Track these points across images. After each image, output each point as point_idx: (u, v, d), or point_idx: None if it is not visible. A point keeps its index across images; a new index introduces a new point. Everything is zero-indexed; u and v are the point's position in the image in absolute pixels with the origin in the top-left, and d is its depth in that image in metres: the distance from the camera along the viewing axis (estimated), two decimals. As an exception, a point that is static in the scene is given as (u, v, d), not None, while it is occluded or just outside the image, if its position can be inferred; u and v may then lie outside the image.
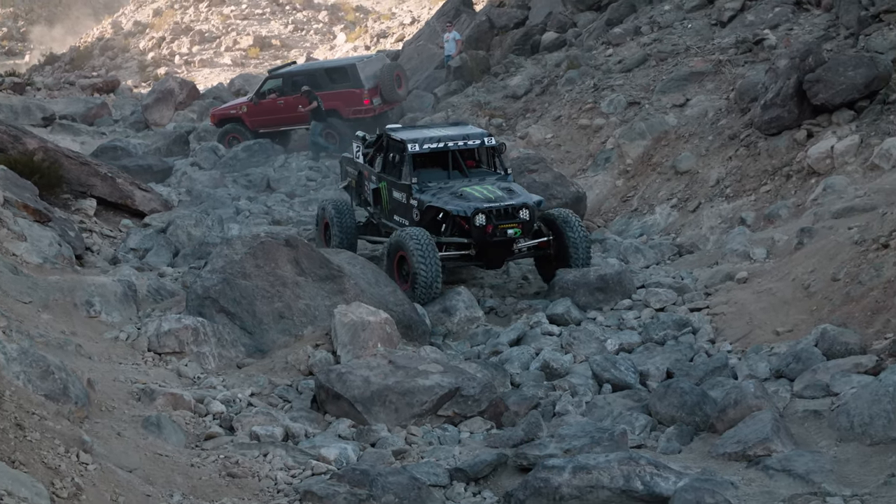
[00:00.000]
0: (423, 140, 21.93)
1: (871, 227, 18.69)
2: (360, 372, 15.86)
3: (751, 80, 26.72)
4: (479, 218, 19.93)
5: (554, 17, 38.34)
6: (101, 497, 11.39)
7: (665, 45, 31.73)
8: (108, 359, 16.20)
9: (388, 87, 37.92)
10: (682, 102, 28.48)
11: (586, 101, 30.71)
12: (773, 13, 30.69)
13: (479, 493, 13.62)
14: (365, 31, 67.59)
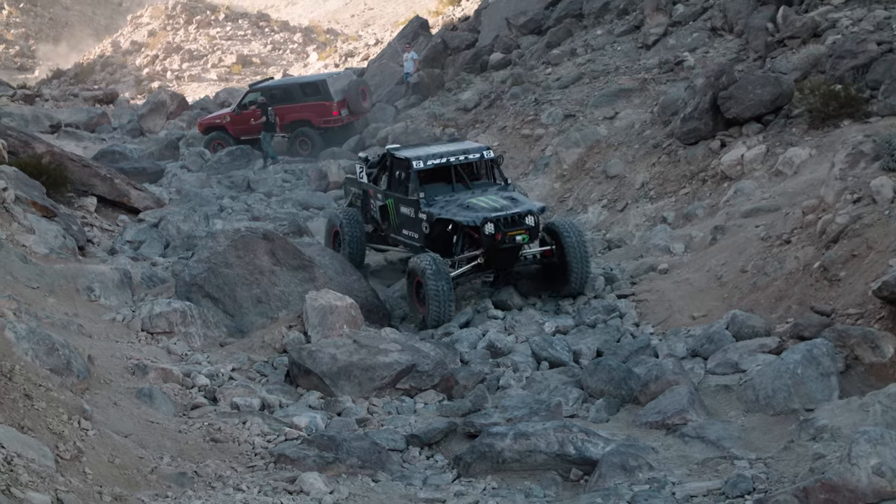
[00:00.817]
0: (427, 157, 21.01)
1: (775, 226, 18.82)
2: (328, 350, 15.90)
3: (672, 97, 26.80)
4: (488, 227, 18.98)
5: (500, 40, 38.37)
6: (99, 459, 11.37)
7: (597, 65, 31.79)
8: (107, 337, 16.18)
9: (355, 101, 37.95)
10: (612, 115, 28.53)
11: (528, 114, 30.73)
12: (691, 38, 30.81)
13: (431, 456, 13.73)
14: (334, 51, 67.49)
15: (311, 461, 12.74)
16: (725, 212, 21.16)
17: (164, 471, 11.96)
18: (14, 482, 9.45)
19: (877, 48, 23.65)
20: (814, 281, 16.52)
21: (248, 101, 37.78)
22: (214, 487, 11.87)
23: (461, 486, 12.68)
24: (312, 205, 29.50)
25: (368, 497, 12.19)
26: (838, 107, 22.01)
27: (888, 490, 10.69)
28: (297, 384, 15.81)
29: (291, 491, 12.08)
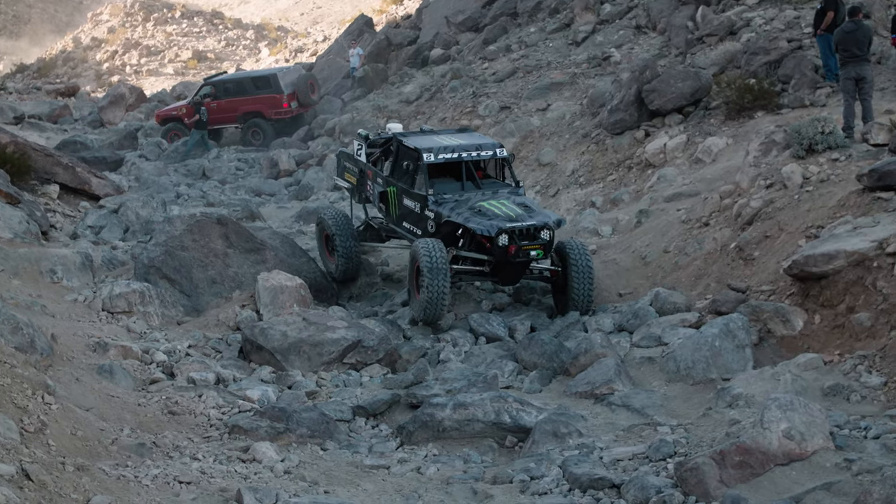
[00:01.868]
0: (438, 150, 18.36)
1: (695, 209, 18.95)
2: (279, 327, 15.87)
3: (600, 90, 26.87)
4: (502, 238, 16.65)
5: (440, 37, 38.37)
6: (62, 431, 11.29)
7: (531, 61, 31.85)
8: (69, 317, 16.06)
9: (304, 93, 37.89)
10: (545, 107, 28.59)
11: (466, 106, 30.77)
12: (617, 35, 30.95)
13: (376, 426, 13.76)
14: (285, 47, 67.31)
15: (264, 431, 12.74)
16: (649, 197, 21.27)
17: (124, 442, 11.90)
18: (-20, 454, 9.37)
19: (787, 45, 23.88)
20: (730, 260, 16.68)
21: (203, 95, 37.64)
22: (172, 457, 11.84)
23: (404, 453, 12.74)
24: (264, 191, 29.45)
25: (317, 464, 12.20)
26: (752, 99, 22.18)
27: (797, 452, 10.86)
28: (250, 360, 15.77)
29: (245, 459, 12.06)
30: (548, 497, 11.33)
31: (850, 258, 14.11)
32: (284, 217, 25.50)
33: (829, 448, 10.98)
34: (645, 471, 11.48)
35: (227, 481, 11.29)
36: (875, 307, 13.62)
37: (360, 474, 12.07)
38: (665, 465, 11.51)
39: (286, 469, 11.90)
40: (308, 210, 25.21)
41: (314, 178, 29.80)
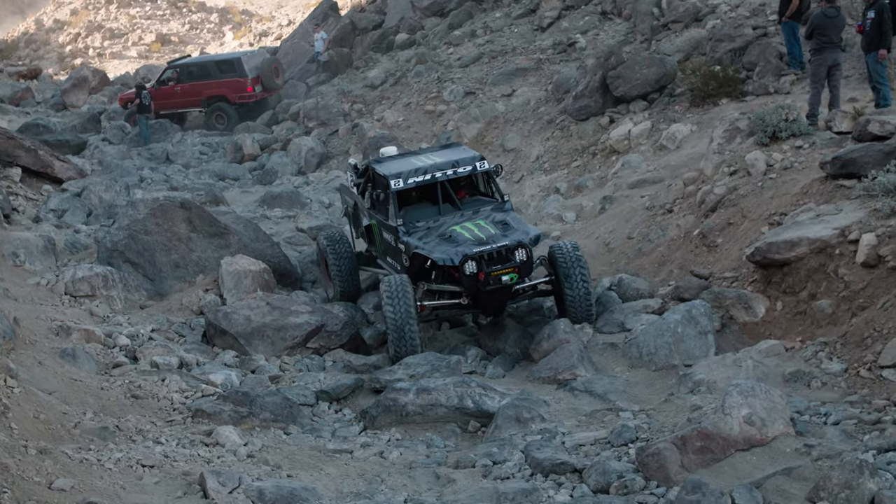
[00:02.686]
0: (408, 174, 16.40)
1: (658, 196, 19.07)
2: (243, 312, 15.90)
3: (565, 76, 26.99)
4: (468, 266, 14.75)
5: (406, 22, 38.32)
6: (24, 414, 11.29)
7: (496, 46, 31.87)
8: (31, 301, 16.00)
9: (268, 77, 37.83)
10: (510, 93, 28.66)
11: (431, 91, 30.79)
12: (583, 21, 31.00)
13: (340, 410, 13.82)
14: (249, 31, 67.12)
15: (227, 415, 12.76)
16: (613, 183, 21.38)
17: (87, 425, 11.91)
18: (-58, 437, 9.38)
19: (752, 32, 24.03)
20: (693, 247, 16.79)
21: (166, 78, 37.59)
22: (135, 441, 11.85)
23: (367, 437, 12.80)
24: (228, 175, 29.39)
25: (281, 448, 12.23)
26: (717, 86, 22.33)
27: (757, 437, 10.98)
28: (214, 344, 15.80)
29: (208, 443, 12.09)
30: (510, 482, 11.40)
31: (813, 245, 14.23)
32: (248, 201, 25.47)
33: (790, 434, 11.12)
34: (607, 456, 11.57)
35: (191, 465, 11.31)
36: (836, 294, 13.75)
37: (323, 458, 12.12)
38: (627, 451, 11.61)
39: (249, 453, 11.93)
40: (272, 194, 25.20)
41: (278, 162, 29.79)
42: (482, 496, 11.17)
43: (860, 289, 13.50)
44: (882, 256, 13.38)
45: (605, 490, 10.91)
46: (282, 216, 23.53)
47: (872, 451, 10.64)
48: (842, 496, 9.78)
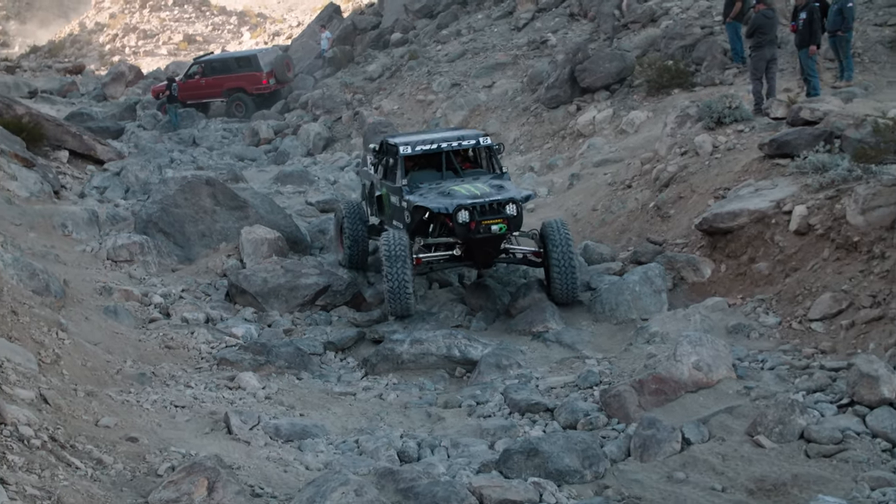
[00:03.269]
0: (416, 143, 15.88)
1: (619, 173, 19.09)
2: (260, 274, 15.91)
3: (538, 69, 26.93)
4: (461, 214, 14.14)
5: (399, 22, 38.16)
6: (74, 362, 11.32)
7: (478, 44, 31.78)
8: (78, 265, 16.03)
9: (280, 72, 37.71)
10: (490, 84, 28.61)
11: (422, 83, 30.71)
12: (553, 21, 30.92)
13: (344, 359, 13.88)
14: (264, 31, 66.97)
15: (247, 363, 12.83)
16: (580, 162, 21.39)
17: (128, 372, 11.96)
18: (4, 381, 9.40)
19: (700, 31, 24.02)
20: (649, 217, 16.83)
21: (193, 72, 37.41)
22: (168, 385, 11.90)
23: (368, 382, 12.90)
24: (246, 157, 29.25)
25: (294, 391, 12.30)
26: (670, 78, 22.32)
27: (704, 381, 11.07)
28: (235, 302, 15.81)
29: (231, 387, 12.15)
30: (491, 419, 11.50)
31: (752, 216, 14.30)
32: (264, 179, 25.40)
33: (732, 378, 11.22)
34: (574, 397, 11.66)
35: (216, 405, 11.37)
36: (772, 258, 13.83)
37: (331, 400, 12.19)
38: (592, 392, 11.70)
39: (267, 395, 12.00)
40: (285, 173, 25.14)
41: (290, 145, 29.74)
42: (467, 431, 11.27)
43: (792, 253, 13.59)
44: (811, 225, 13.47)
45: (574, 426, 11.01)
46: (293, 192, 23.50)
47: (802, 392, 10.77)
48: (776, 430, 9.90)
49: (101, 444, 9.19)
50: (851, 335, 11.83)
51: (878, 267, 12.27)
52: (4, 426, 8.07)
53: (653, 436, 10.14)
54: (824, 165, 14.13)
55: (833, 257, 12.95)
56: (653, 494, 9.50)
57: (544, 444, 10.11)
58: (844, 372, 10.91)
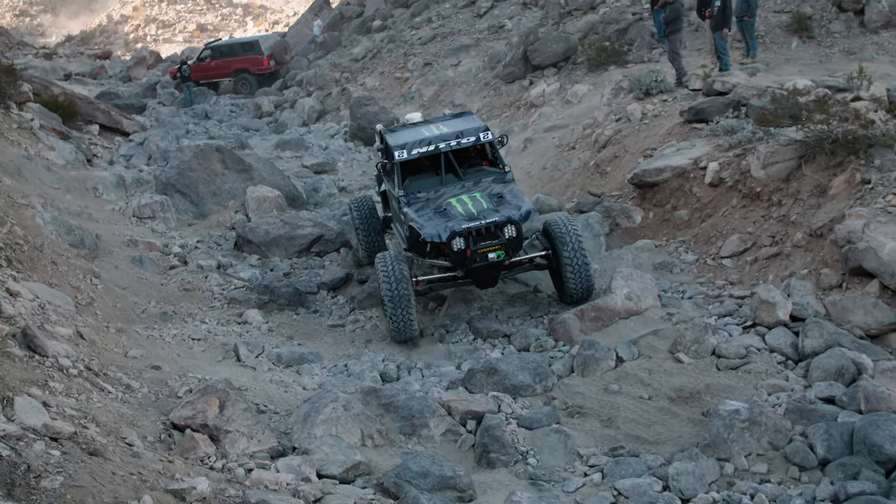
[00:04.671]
0: (412, 145, 12.64)
1: (565, 137, 19.06)
2: (263, 226, 15.88)
3: (497, 50, 26.73)
4: (456, 242, 11.30)
5: (380, 11, 37.76)
6: (106, 304, 11.33)
7: (446, 29, 31.48)
8: (108, 222, 15.93)
9: (279, 55, 37.35)
10: (457, 63, 28.36)
11: (399, 63, 30.43)
12: (509, 10, 30.65)
13: (335, 297, 13.88)
14: (265, 20, 66.51)
15: (253, 302, 12.86)
16: (532, 128, 21.31)
17: (152, 311, 11.98)
18: (46, 321, 9.41)
19: (632, 17, 23.87)
20: (590, 174, 16.83)
21: (204, 56, 36.95)
22: (186, 321, 11.92)
23: (355, 315, 12.93)
24: (251, 127, 28.90)
25: (292, 325, 12.36)
26: (607, 57, 22.20)
27: (635, 309, 11.17)
28: (242, 250, 15.77)
29: (239, 322, 12.20)
30: (459, 344, 11.61)
31: (674, 171, 14.34)
32: (266, 146, 25.18)
33: (657, 306, 11.33)
34: (528, 324, 11.76)
35: (227, 338, 11.40)
36: (691, 206, 13.90)
37: (323, 331, 12.26)
38: (542, 320, 11.80)
39: (269, 328, 12.06)
40: (284, 141, 24.91)
41: (288, 117, 29.50)
42: (438, 355, 11.37)
43: (707, 202, 13.67)
44: (722, 178, 13.53)
45: (527, 349, 11.13)
46: (291, 156, 23.34)
47: (714, 316, 10.91)
48: (693, 348, 10.04)
49: (130, 372, 9.22)
50: (754, 269, 11.95)
51: (775, 213, 12.38)
52: (46, 358, 8.08)
53: (592, 355, 10.26)
54: (733, 129, 14.17)
55: (740, 205, 13.05)
56: (592, 403, 9.65)
57: (502, 364, 10.24)
58: (748, 299, 11.07)
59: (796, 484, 7.85)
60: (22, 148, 17.36)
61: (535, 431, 9.05)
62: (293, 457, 7.99)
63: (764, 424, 8.33)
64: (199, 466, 7.33)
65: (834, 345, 9.69)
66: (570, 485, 8.17)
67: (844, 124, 12.05)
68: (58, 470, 5.95)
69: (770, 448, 8.23)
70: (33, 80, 24.79)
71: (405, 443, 8.91)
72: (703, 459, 8.11)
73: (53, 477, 5.83)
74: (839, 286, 10.72)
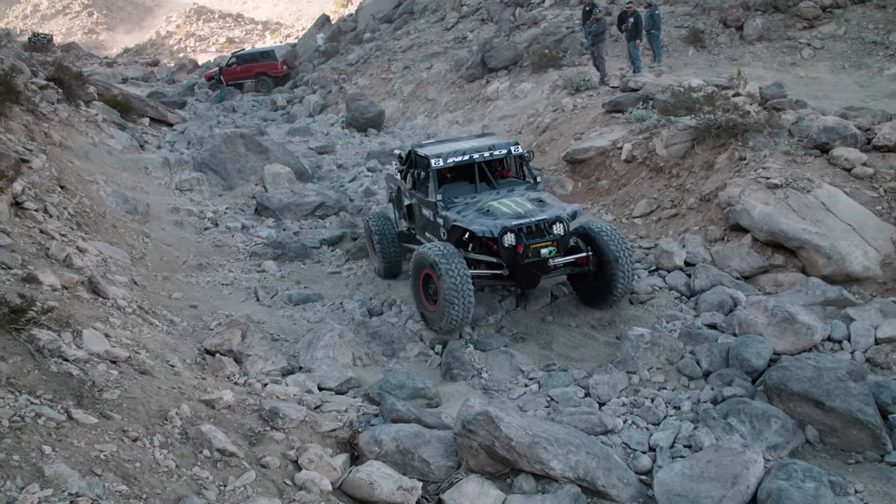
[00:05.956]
0: (447, 154, 10.63)
1: (514, 124, 18.94)
2: (277, 196, 15.71)
3: (461, 56, 26.45)
4: (507, 238, 9.15)
5: (369, 26, 37.21)
6: (154, 258, 11.23)
7: (422, 40, 31.09)
8: (157, 194, 15.70)
9: (290, 61, 36.78)
10: (430, 67, 27.99)
11: (384, 67, 30.04)
12: (471, 24, 30.29)
13: (334, 250, 13.73)
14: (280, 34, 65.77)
15: (269, 255, 12.76)
16: (488, 118, 21.12)
17: (190, 263, 11.88)
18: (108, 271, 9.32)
19: (566, 30, 23.67)
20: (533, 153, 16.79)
21: (232, 62, 36.37)
22: (218, 270, 11.84)
23: (350, 265, 12.83)
24: (268, 118, 28.51)
25: (300, 272, 12.28)
26: (546, 61, 22.02)
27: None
28: (261, 215, 15.57)
29: (259, 271, 12.12)
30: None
31: (598, 150, 14.34)
32: (280, 133, 24.85)
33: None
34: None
35: (249, 283, 11.35)
36: (610, 177, 13.92)
37: (324, 277, 12.20)
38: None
39: (282, 275, 11.99)
40: (294, 129, 24.60)
41: (298, 110, 29.11)
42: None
43: (623, 174, 13.68)
44: (634, 156, 13.54)
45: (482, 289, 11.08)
46: (300, 141, 23.05)
47: (626, 263, 10.91)
48: (609, 288, 10.01)
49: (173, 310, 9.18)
50: (658, 226, 12.01)
51: (675, 182, 12.43)
52: (107, 300, 8.03)
53: (532, 293, 10.30)
54: (642, 117, 14.18)
55: (648, 177, 13.08)
56: (532, 330, 9.71)
57: (462, 301, 10.24)
58: (653, 250, 11.13)
59: (686, 390, 7.98)
60: (89, 137, 17.06)
61: (487, 353, 9.11)
62: (299, 374, 8.02)
63: (662, 345, 8.44)
64: (226, 382, 7.34)
65: (717, 284, 9.79)
66: (514, 393, 8.26)
67: (727, 114, 12.09)
68: (116, 385, 5.95)
69: (667, 363, 8.35)
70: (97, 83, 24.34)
71: (387, 362, 8.96)
72: (615, 372, 8.22)
73: (112, 390, 5.83)
74: (722, 239, 10.82)
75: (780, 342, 8.10)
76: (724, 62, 19.67)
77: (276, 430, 6.35)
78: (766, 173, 10.74)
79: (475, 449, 6.33)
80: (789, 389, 7.09)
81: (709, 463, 6.34)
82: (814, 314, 8.47)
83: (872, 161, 10.74)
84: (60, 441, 4.98)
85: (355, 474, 6.05)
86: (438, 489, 6.23)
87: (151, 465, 5.21)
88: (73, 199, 11.19)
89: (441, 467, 6.41)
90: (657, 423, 7.39)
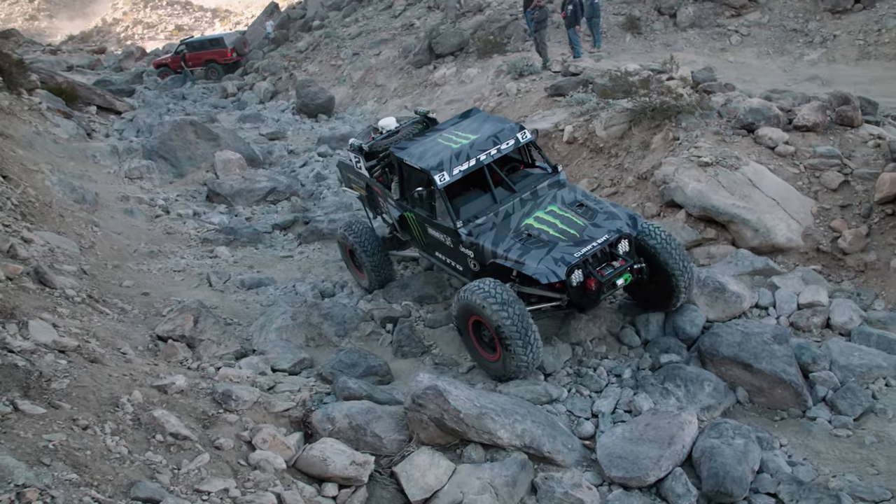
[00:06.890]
0: (449, 163, 8.10)
1: (461, 109, 18.91)
2: (229, 182, 15.50)
3: (409, 43, 26.27)
4: (576, 276, 7.32)
5: (318, 13, 36.67)
6: (104, 246, 10.97)
7: (370, 27, 30.76)
8: (105, 182, 15.33)
9: (240, 48, 36.13)
10: (378, 53, 27.76)
11: (334, 53, 29.68)
12: (418, 11, 30.08)
13: (286, 234, 13.63)
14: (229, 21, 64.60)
15: (221, 240, 12.58)
16: (436, 102, 21.08)
17: (141, 251, 11.63)
18: (55, 261, 9.08)
19: (510, 17, 23.66)
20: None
21: (180, 50, 35.56)
22: (169, 257, 11.63)
23: (302, 248, 12.75)
24: (219, 105, 28.00)
25: (252, 257, 12.14)
26: (491, 47, 22.00)
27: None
28: (213, 201, 15.35)
29: (211, 256, 11.94)
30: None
31: (541, 133, 14.38)
32: (231, 120, 24.43)
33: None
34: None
35: (202, 269, 11.17)
36: (553, 158, 13.96)
37: (277, 261, 12.08)
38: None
39: (235, 261, 11.83)
40: (245, 115, 24.20)
41: (248, 97, 28.66)
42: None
43: (565, 155, 13.76)
44: (576, 137, 13.61)
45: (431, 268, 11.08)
46: (250, 127, 22.71)
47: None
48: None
49: (124, 298, 8.99)
50: (599, 205, 12.14)
51: (614, 162, 12.56)
52: (55, 290, 7.82)
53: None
54: (582, 100, 14.26)
55: (588, 157, 13.19)
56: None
57: (413, 281, 10.24)
58: (594, 227, 11.23)
59: (626, 359, 8.12)
60: (32, 126, 16.52)
61: (436, 330, 9.14)
62: (252, 357, 7.94)
63: (603, 317, 8.56)
64: (178, 367, 7.23)
65: (654, 258, 9.93)
66: (462, 368, 8.31)
67: (661, 97, 12.24)
68: (65, 374, 5.80)
69: (608, 334, 8.47)
70: (41, 71, 23.58)
71: (339, 342, 8.92)
72: (560, 344, 8.32)
73: (61, 380, 5.69)
74: (658, 215, 10.99)
75: (711, 310, 8.29)
76: (659, 48, 19.92)
77: (229, 412, 6.29)
78: (697, 152, 10.92)
79: (425, 422, 6.36)
80: (720, 354, 7.28)
81: (647, 426, 6.48)
82: (742, 283, 8.68)
83: (794, 140, 11.02)
84: (6, 433, 4.85)
85: (309, 452, 6.03)
86: (391, 462, 6.25)
87: (103, 453, 5.11)
88: (17, 189, 10.85)
89: (393, 441, 6.43)
90: (599, 390, 7.51)
